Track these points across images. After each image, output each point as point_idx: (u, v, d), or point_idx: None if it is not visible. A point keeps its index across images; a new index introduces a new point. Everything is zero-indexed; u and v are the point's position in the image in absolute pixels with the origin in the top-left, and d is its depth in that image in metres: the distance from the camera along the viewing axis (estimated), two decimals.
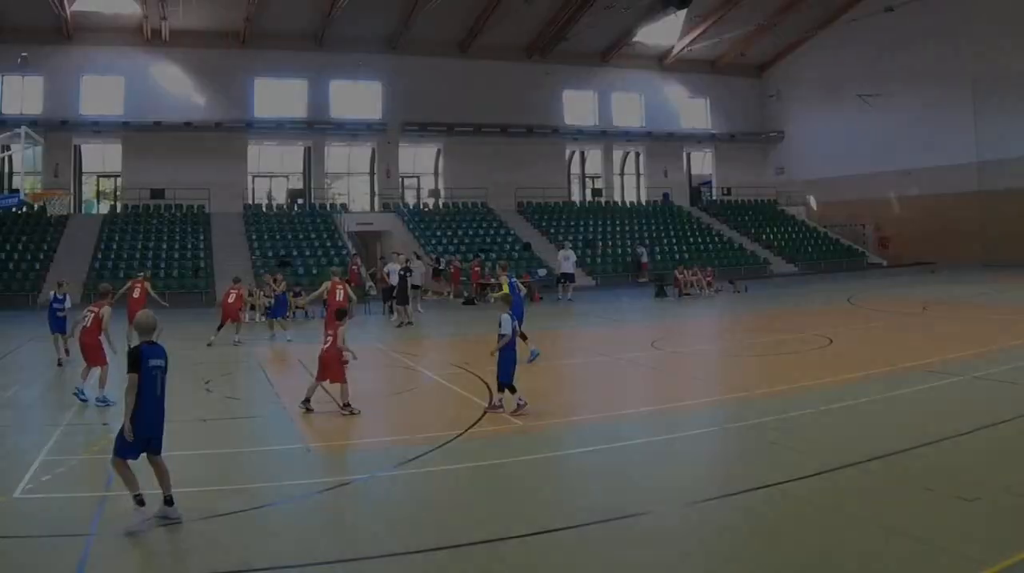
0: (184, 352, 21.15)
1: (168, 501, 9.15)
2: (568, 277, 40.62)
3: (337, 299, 23.35)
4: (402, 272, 31.64)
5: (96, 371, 16.28)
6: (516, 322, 15.19)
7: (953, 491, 9.48)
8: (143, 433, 9.04)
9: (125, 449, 9.06)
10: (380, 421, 15.08)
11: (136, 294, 23.85)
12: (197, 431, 13.93)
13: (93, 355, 16.46)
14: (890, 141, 59.16)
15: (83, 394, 15.98)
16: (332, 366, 15.06)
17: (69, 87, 52.96)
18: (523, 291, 22.94)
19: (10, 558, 8.23)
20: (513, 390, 14.51)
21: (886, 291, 39.47)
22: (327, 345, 15.22)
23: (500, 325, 14.65)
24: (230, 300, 26.75)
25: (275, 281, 30.62)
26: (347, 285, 25.12)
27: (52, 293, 22.54)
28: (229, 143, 55.66)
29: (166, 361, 9.45)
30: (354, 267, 42.32)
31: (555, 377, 19.08)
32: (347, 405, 14.78)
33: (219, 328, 25.79)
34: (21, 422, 15.02)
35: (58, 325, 21.57)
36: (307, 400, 15.03)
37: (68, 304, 21.92)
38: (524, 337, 18.98)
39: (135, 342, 9.68)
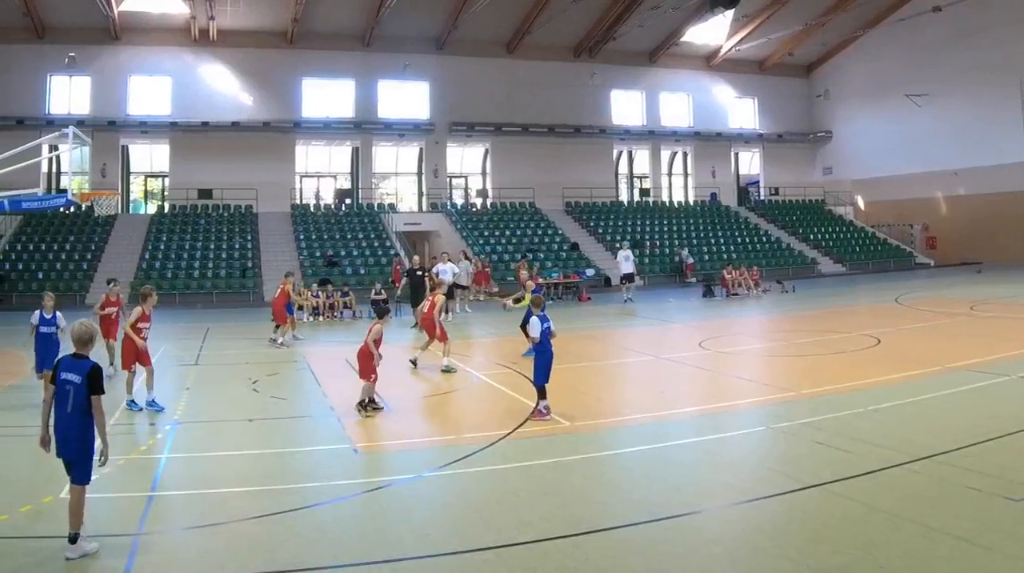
0: (231, 352, 21.49)
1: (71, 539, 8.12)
2: (628, 277, 38.22)
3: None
4: (420, 272, 30.40)
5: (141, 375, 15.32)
6: (550, 324, 14.31)
7: (999, 491, 9.31)
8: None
9: None
10: (427, 421, 14.81)
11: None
12: (244, 431, 13.66)
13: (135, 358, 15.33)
14: (938, 141, 57.06)
15: (135, 404, 14.93)
16: (360, 361, 14.88)
17: (117, 87, 51.70)
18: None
19: (58, 558, 7.92)
20: (543, 395, 14.00)
21: (933, 291, 38.08)
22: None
23: (529, 327, 14.36)
24: (275, 296, 25.05)
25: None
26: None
27: (39, 311, 16.43)
28: (277, 143, 54.25)
29: (85, 376, 8.38)
30: (398, 267, 40.35)
31: (603, 377, 18.64)
32: (361, 403, 14.45)
33: (276, 328, 24.49)
34: None
35: (48, 354, 15.60)
36: (367, 402, 14.54)
37: (62, 324, 15.88)
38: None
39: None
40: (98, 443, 8.42)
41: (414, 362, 18.16)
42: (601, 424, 13.57)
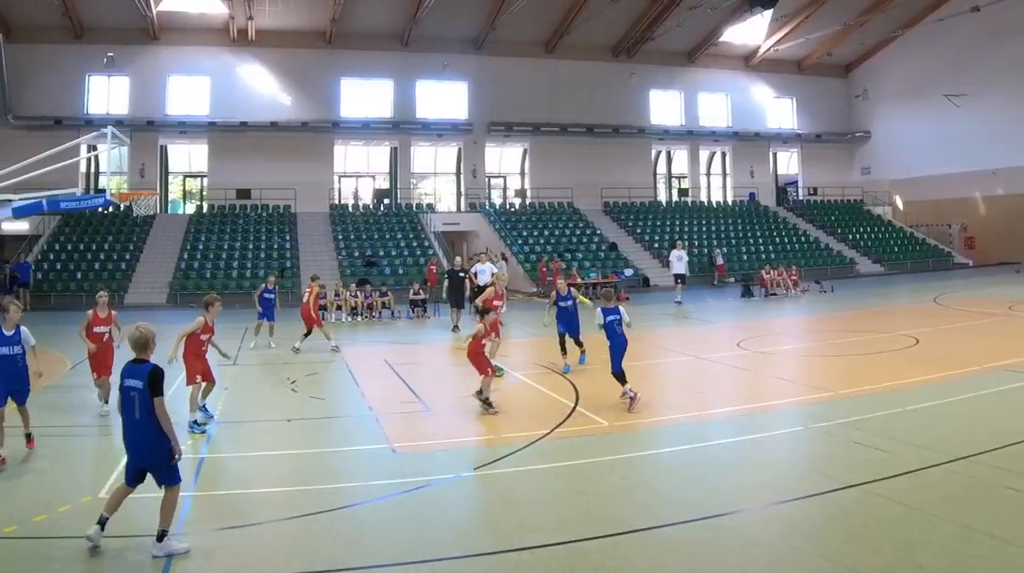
0: (270, 352, 21.31)
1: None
2: (680, 278, 36.33)
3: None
4: (461, 273, 29.63)
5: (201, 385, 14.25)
6: (608, 317, 14.73)
7: None
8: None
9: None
10: (466, 421, 14.17)
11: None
12: (282, 431, 13.57)
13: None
14: (976, 140, 55.08)
15: (196, 426, 13.36)
16: (473, 359, 14.73)
17: (155, 87, 50.55)
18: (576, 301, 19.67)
19: (97, 557, 7.90)
20: (622, 381, 14.34)
21: (972, 291, 37.19)
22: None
23: (598, 318, 14.76)
24: (304, 300, 23.46)
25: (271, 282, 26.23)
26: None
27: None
28: (315, 143, 52.84)
29: (148, 381, 8.16)
30: (432, 268, 39.70)
31: (641, 377, 17.15)
32: (482, 395, 14.34)
33: (306, 335, 23.03)
34: (105, 423, 13.97)
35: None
36: (486, 398, 14.40)
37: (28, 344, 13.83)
38: (580, 345, 18.79)
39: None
40: (172, 441, 8.22)
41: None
42: (640, 424, 13.36)
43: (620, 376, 14.37)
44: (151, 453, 8.13)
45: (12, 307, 12.57)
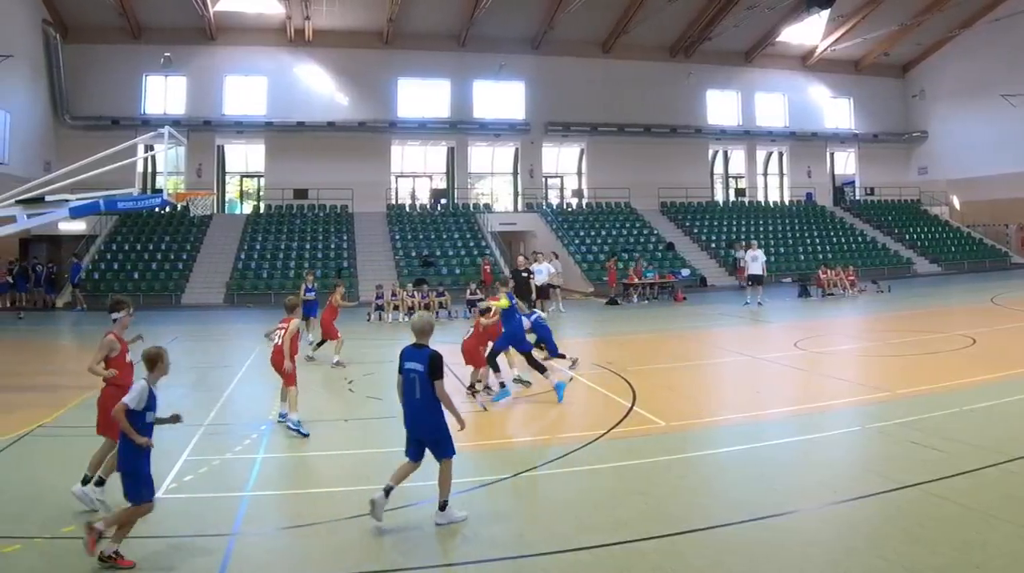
0: (326, 351, 20.33)
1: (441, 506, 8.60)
2: (756, 279, 33.80)
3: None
4: (524, 273, 29.08)
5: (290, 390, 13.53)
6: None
7: None
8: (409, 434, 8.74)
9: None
10: (522, 421, 14.23)
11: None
12: (339, 431, 13.29)
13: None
14: None
15: (288, 421, 12.94)
16: (467, 354, 15.45)
17: (212, 87, 48.91)
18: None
19: (154, 557, 7.80)
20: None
21: None
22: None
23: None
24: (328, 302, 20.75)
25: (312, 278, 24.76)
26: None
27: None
28: (372, 143, 50.83)
29: (429, 364, 8.52)
30: (486, 267, 37.85)
31: (698, 377, 17.95)
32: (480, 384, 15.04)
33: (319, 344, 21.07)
34: (163, 427, 11.82)
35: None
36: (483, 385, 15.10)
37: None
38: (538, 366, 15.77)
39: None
40: (451, 419, 8.68)
41: (520, 380, 16.13)
42: (696, 424, 13.12)
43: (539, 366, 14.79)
44: (429, 430, 8.62)
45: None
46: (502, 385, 15.31)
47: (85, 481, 9.02)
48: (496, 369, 15.45)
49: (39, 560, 7.84)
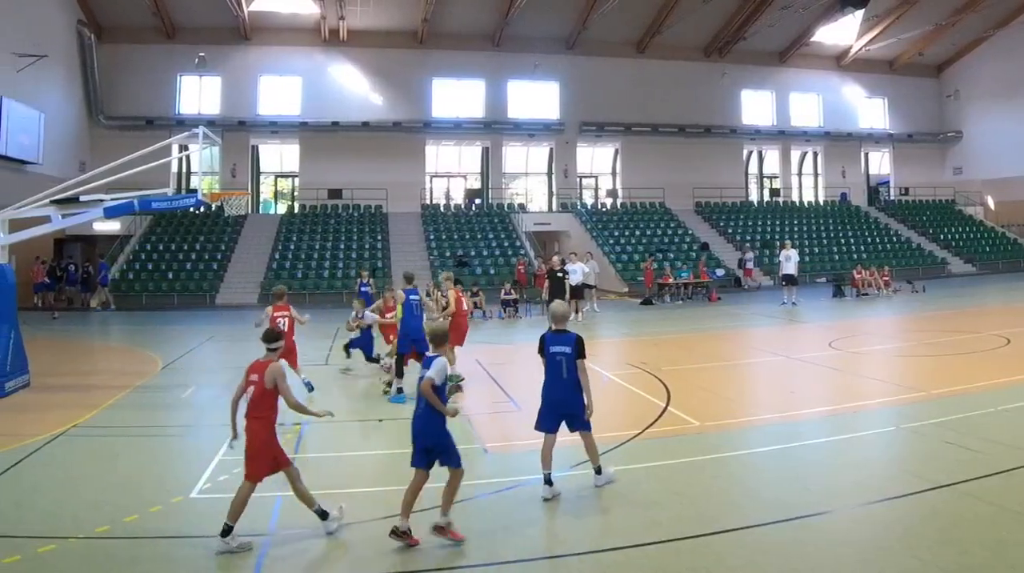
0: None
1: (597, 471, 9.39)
2: (790, 279, 33.05)
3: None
4: (560, 274, 28.08)
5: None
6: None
7: None
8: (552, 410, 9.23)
9: (540, 421, 9.34)
10: None
11: None
12: (374, 431, 13.06)
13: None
14: None
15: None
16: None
17: (247, 87, 47.77)
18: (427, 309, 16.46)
19: (189, 558, 7.70)
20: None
21: None
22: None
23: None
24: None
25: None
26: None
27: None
28: (407, 143, 49.53)
29: (575, 347, 9.15)
30: (520, 268, 37.19)
31: (732, 377, 17.53)
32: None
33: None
34: (198, 422, 13.72)
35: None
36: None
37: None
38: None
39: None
40: (587, 399, 9.07)
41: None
42: (731, 424, 12.76)
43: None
44: (574, 405, 9.18)
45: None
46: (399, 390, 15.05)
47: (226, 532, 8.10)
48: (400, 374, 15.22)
49: (73, 560, 7.65)
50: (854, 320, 28.29)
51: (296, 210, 48.56)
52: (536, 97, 52.31)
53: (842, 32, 54.94)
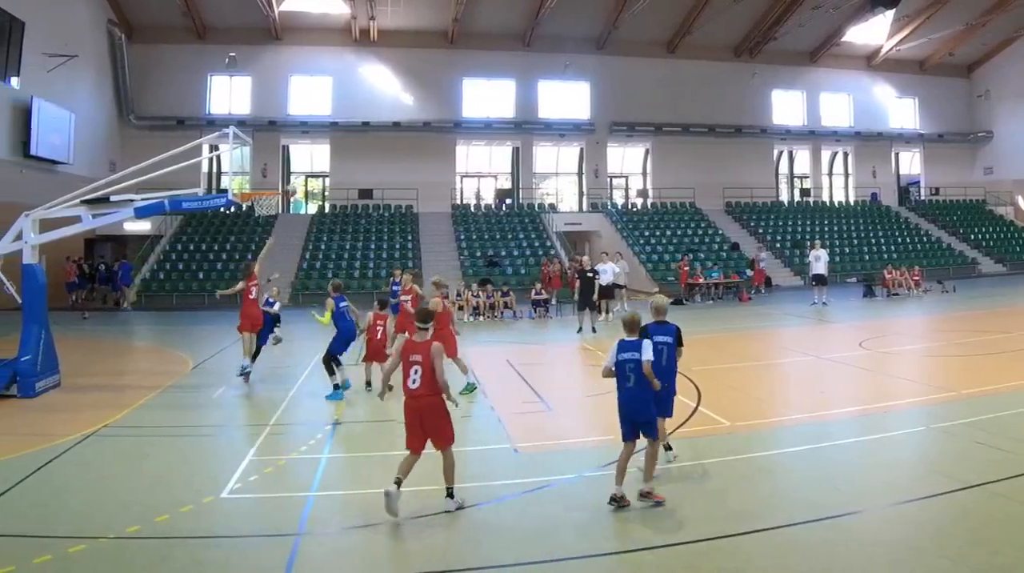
0: (389, 351, 18.62)
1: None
2: (819, 279, 32.46)
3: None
4: (590, 274, 27.00)
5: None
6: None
7: None
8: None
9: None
10: (587, 421, 13.44)
11: None
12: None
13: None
14: None
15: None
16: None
17: (277, 87, 46.76)
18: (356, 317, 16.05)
19: (219, 557, 7.63)
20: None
21: None
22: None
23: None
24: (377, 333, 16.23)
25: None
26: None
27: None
28: (437, 143, 48.46)
29: (675, 336, 9.80)
30: (544, 269, 35.86)
31: (762, 377, 17.21)
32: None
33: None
34: (229, 422, 13.79)
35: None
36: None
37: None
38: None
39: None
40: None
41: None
42: (761, 424, 12.52)
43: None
44: (671, 388, 9.57)
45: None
46: (336, 386, 15.06)
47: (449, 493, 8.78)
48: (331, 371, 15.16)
49: (104, 560, 7.57)
50: (884, 320, 27.85)
51: (326, 210, 47.53)
52: (566, 97, 51.05)
53: (872, 32, 53.52)
